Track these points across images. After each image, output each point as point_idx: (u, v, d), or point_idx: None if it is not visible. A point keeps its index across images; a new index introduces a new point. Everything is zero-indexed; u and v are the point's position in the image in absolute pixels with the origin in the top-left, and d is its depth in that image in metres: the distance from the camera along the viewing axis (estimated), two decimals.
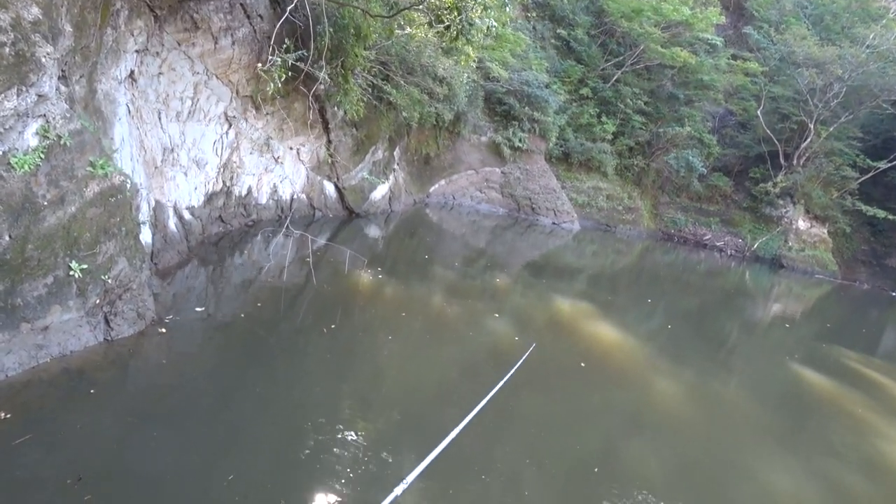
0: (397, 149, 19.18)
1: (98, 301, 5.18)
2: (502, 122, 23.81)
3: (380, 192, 17.75)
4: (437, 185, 23.39)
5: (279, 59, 8.19)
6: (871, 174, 27.28)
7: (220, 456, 4.55)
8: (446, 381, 7.01)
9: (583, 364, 8.35)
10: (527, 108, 23.14)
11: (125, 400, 4.85)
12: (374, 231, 16.21)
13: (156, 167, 8.07)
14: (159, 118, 8.09)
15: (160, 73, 8.00)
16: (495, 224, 22.73)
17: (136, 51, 7.02)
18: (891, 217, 26.32)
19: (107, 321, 5.36)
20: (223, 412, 5.09)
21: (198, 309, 6.92)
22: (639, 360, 9.61)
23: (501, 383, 3.65)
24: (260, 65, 8.53)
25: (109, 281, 5.28)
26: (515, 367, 4.15)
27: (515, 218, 24.64)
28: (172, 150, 8.52)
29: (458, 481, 4.92)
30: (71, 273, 4.89)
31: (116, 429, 4.58)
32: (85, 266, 5.01)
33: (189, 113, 8.92)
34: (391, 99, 14.88)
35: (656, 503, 5.35)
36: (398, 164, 19.54)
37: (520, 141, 23.51)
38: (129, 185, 5.97)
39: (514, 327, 9.58)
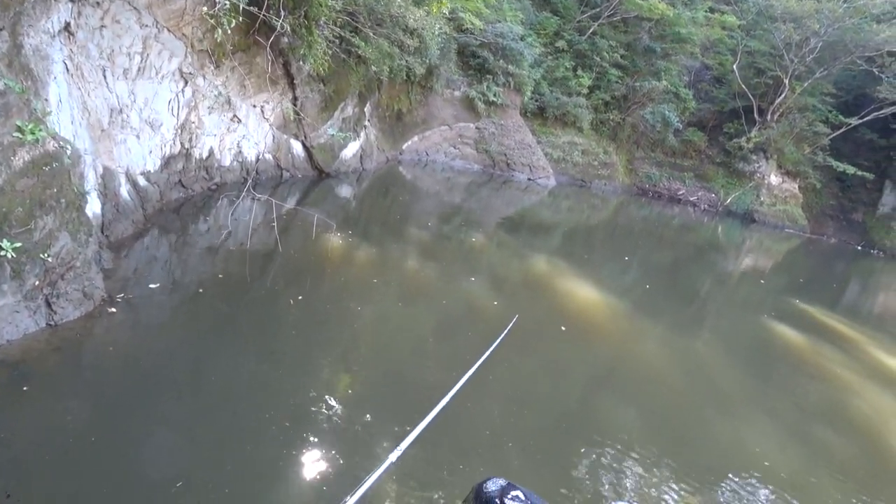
0: (368, 105, 18.46)
1: (37, 283, 4.69)
2: (476, 76, 23.11)
3: (350, 150, 17.13)
4: (410, 142, 22.75)
5: (228, 2, 7.48)
6: (842, 130, 27.54)
7: (176, 460, 4.09)
8: (422, 351, 6.74)
9: (563, 328, 8.17)
10: (501, 61, 22.46)
11: (63, 397, 4.32)
12: (345, 191, 15.69)
13: (102, 130, 7.41)
14: (104, 76, 7.39)
15: (102, 26, 7.28)
16: (470, 181, 22.33)
17: (71, 0, 6.33)
18: (859, 173, 26.72)
19: (48, 304, 4.85)
20: (180, 402, 4.67)
21: (152, 286, 6.39)
22: (617, 319, 9.57)
23: (488, 352, 3.41)
24: (205, 8, 7.78)
25: (49, 259, 4.76)
26: (500, 338, 3.89)
27: (490, 174, 24.25)
28: (121, 110, 7.83)
29: (443, 442, 4.92)
30: (2, 253, 4.38)
31: (51, 434, 4.05)
32: (19, 245, 4.50)
33: (139, 70, 8.21)
34: (360, 52, 14.17)
35: (631, 451, 5.56)
36: (369, 121, 18.85)
37: (494, 95, 22.91)
38: (69, 152, 5.44)
39: (491, 290, 9.36)
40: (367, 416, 5.01)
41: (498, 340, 3.79)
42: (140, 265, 7.15)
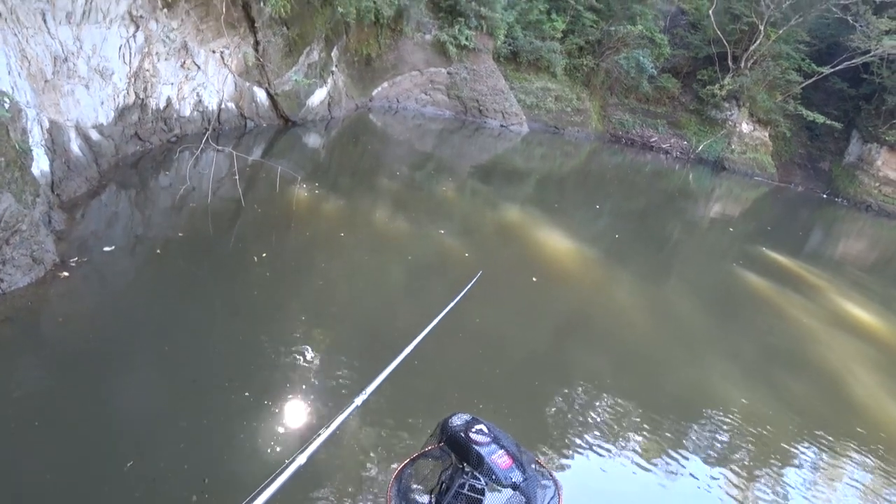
0: (335, 49, 17.74)
1: None
2: (447, 19, 22.33)
3: (318, 97, 16.55)
4: (379, 88, 22.09)
5: None
6: (814, 79, 27.53)
7: (136, 433, 3.96)
8: (390, 305, 6.70)
9: (534, 279, 8.20)
10: (473, 3, 21.68)
11: (15, 370, 4.11)
12: (313, 140, 15.25)
13: (46, 81, 6.90)
14: (45, 20, 6.83)
15: None
16: (442, 128, 21.93)
17: None
18: (828, 122, 26.90)
19: None
20: (138, 370, 4.53)
21: (106, 248, 6.10)
22: (587, 268, 9.74)
23: (452, 304, 3.37)
24: None
25: None
26: (464, 292, 3.84)
27: (462, 121, 23.82)
28: (66, 59, 7.29)
29: (413, 387, 5.07)
30: None
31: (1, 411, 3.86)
32: None
33: (84, 13, 7.62)
34: None
35: (600, 391, 5.82)
36: (336, 67, 18.16)
37: (466, 39, 22.21)
38: (7, 105, 5.07)
39: (462, 241, 9.31)
40: (335, 369, 4.99)
41: (461, 294, 3.72)
42: (95, 225, 6.83)
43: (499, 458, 1.47)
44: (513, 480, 1.42)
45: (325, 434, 1.86)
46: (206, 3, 10.28)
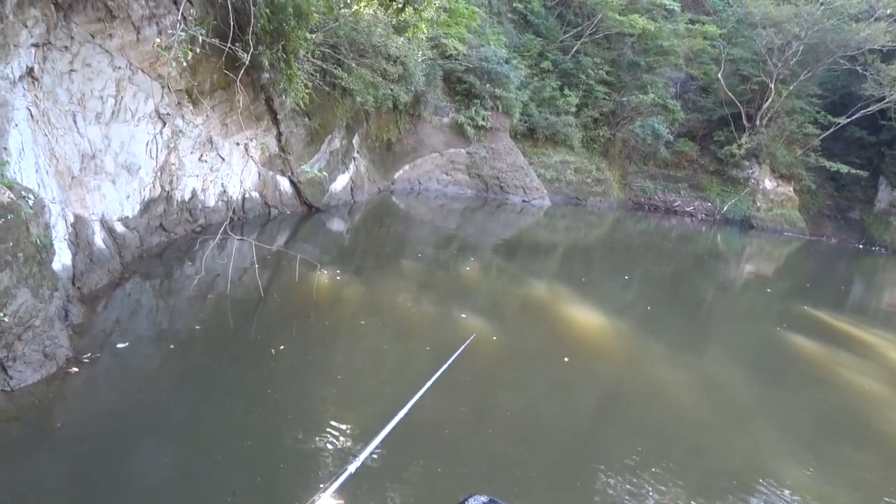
0: (356, 136, 18.29)
1: None
2: (463, 102, 23.05)
3: (340, 183, 16.89)
4: (401, 171, 22.58)
5: (183, 34, 7.17)
6: (831, 130, 27.52)
7: None
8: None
9: (566, 359, 7.74)
10: (488, 85, 22.42)
11: (24, 477, 3.82)
12: (336, 225, 15.39)
13: (73, 177, 7.08)
14: (74, 121, 7.10)
15: (72, 70, 7.02)
16: (464, 206, 22.10)
17: (34, 45, 6.07)
18: (853, 171, 26.60)
19: (3, 368, 4.41)
20: (148, 474, 4.16)
21: (120, 345, 5.87)
22: (620, 342, 9.12)
23: (438, 374, 3.03)
24: (158, 40, 7.46)
25: (6, 319, 4.37)
26: (457, 354, 3.42)
27: (484, 198, 24.05)
28: (94, 156, 7.52)
29: (444, 470, 4.77)
30: None
31: None
32: None
33: (113, 113, 7.94)
34: (343, 83, 14.02)
35: (640, 471, 5.28)
36: (358, 153, 18.66)
37: (483, 119, 22.81)
38: (31, 202, 5.11)
39: (488, 324, 8.87)
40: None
41: (454, 356, 3.38)
42: (114, 319, 6.69)
43: None
44: None
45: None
46: (229, 98, 10.67)
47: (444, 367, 3.13)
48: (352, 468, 2.10)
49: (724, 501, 5.05)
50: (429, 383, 2.82)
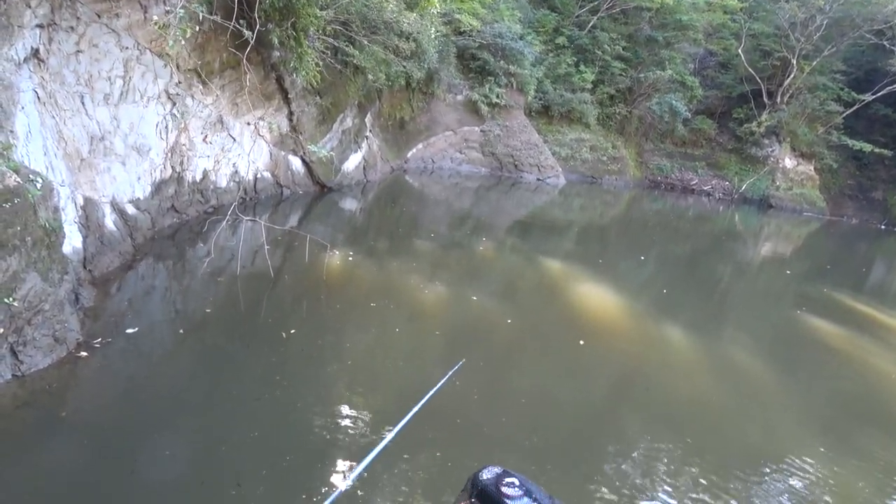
0: (369, 115, 18.10)
1: (1, 330, 4.26)
2: (477, 79, 22.72)
3: (352, 162, 16.76)
4: (414, 150, 22.40)
5: (182, 11, 6.97)
6: (855, 107, 26.76)
7: None
8: (423, 382, 6.06)
9: (581, 342, 7.63)
10: (502, 61, 22.05)
11: (36, 464, 3.81)
12: (349, 204, 15.31)
13: (82, 159, 7.02)
14: (82, 103, 7.02)
15: (78, 51, 6.92)
16: (478, 185, 21.91)
17: (39, 25, 5.97)
18: (876, 150, 25.87)
19: (14, 353, 4.40)
20: (158, 462, 4.13)
21: (129, 330, 5.79)
22: (637, 324, 9.00)
23: (433, 391, 2.92)
24: (156, 18, 7.26)
25: (15, 304, 4.34)
26: (443, 381, 3.28)
27: (499, 177, 23.83)
28: (103, 137, 7.44)
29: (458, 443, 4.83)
30: None
31: None
32: None
33: (121, 94, 7.84)
34: (355, 61, 13.81)
35: (658, 450, 5.35)
36: (371, 131, 18.49)
37: (497, 97, 22.49)
38: (39, 185, 5.06)
39: (503, 307, 8.79)
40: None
41: (441, 382, 3.23)
42: (124, 301, 6.65)
43: None
44: None
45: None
46: (239, 78, 10.53)
47: (433, 391, 2.93)
48: (344, 486, 1.97)
49: (743, 482, 5.00)
50: (415, 409, 2.62)
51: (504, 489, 1.49)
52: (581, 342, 7.61)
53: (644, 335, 8.56)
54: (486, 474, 1.59)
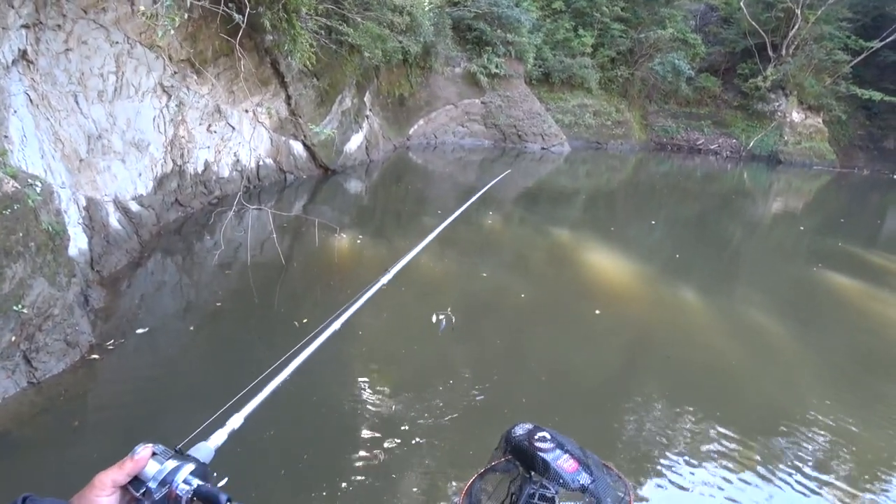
0: (367, 94, 17.86)
1: (13, 339, 4.23)
2: (475, 50, 22.36)
3: (354, 142, 16.58)
4: (415, 126, 22.18)
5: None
6: (863, 56, 26.15)
7: None
8: (437, 364, 6.01)
9: (597, 311, 7.55)
10: (499, 30, 21.66)
11: (58, 473, 3.76)
12: (354, 186, 15.19)
13: (81, 160, 6.92)
14: (76, 102, 6.89)
15: (68, 50, 6.77)
16: (482, 157, 21.72)
17: (24, 26, 5.83)
18: (886, 98, 25.34)
19: (27, 360, 4.38)
20: None
21: (139, 331, 5.71)
22: (650, 288, 8.93)
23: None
24: (143, 8, 7.07)
25: (25, 311, 4.30)
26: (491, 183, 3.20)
27: (502, 148, 23.61)
28: (100, 136, 7.32)
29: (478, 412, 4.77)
30: None
31: None
32: None
33: (115, 90, 7.70)
34: (350, 40, 13.55)
35: (675, 407, 5.44)
36: (371, 110, 18.26)
37: (496, 67, 22.15)
38: (38, 189, 4.97)
39: (515, 280, 8.70)
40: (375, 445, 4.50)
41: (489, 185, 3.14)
42: (135, 300, 6.60)
43: (564, 463, 1.49)
44: (581, 483, 1.45)
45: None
46: (234, 65, 10.35)
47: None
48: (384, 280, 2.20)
49: (763, 436, 5.00)
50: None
51: (536, 443, 1.54)
52: (597, 311, 7.54)
53: (659, 301, 8.47)
54: (519, 430, 1.65)
